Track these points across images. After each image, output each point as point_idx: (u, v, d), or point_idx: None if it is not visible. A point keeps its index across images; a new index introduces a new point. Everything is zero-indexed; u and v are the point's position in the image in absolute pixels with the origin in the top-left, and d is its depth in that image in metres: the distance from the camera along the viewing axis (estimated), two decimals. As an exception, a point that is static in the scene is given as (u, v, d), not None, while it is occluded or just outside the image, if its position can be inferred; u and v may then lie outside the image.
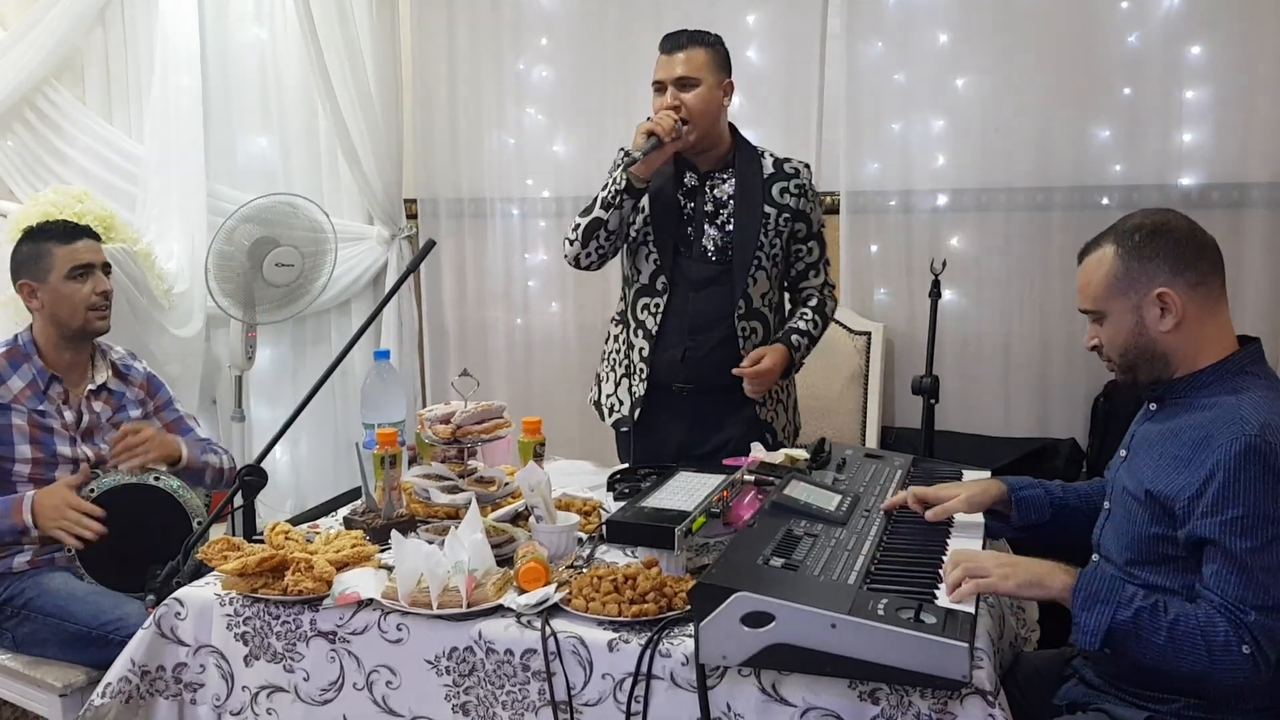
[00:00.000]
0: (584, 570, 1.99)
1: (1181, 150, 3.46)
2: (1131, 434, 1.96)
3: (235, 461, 2.95)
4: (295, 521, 2.55)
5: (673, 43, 2.68)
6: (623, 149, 2.75)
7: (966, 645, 1.54)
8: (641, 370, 2.75)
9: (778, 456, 2.43)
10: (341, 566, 1.96)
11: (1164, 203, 3.48)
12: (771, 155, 2.77)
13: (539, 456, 2.46)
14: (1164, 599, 1.70)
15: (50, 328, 2.68)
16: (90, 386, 2.72)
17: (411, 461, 2.47)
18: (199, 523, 2.57)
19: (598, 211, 2.67)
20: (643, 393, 2.75)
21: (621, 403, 2.81)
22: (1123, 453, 1.95)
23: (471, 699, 1.83)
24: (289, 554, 1.95)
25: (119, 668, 1.98)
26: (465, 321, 4.26)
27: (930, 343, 2.68)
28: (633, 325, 2.78)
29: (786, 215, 2.73)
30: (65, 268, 2.66)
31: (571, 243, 2.72)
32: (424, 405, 4.30)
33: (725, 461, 2.49)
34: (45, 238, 2.70)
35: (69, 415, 2.68)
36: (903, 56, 3.67)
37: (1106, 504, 1.97)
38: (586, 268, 2.77)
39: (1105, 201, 3.55)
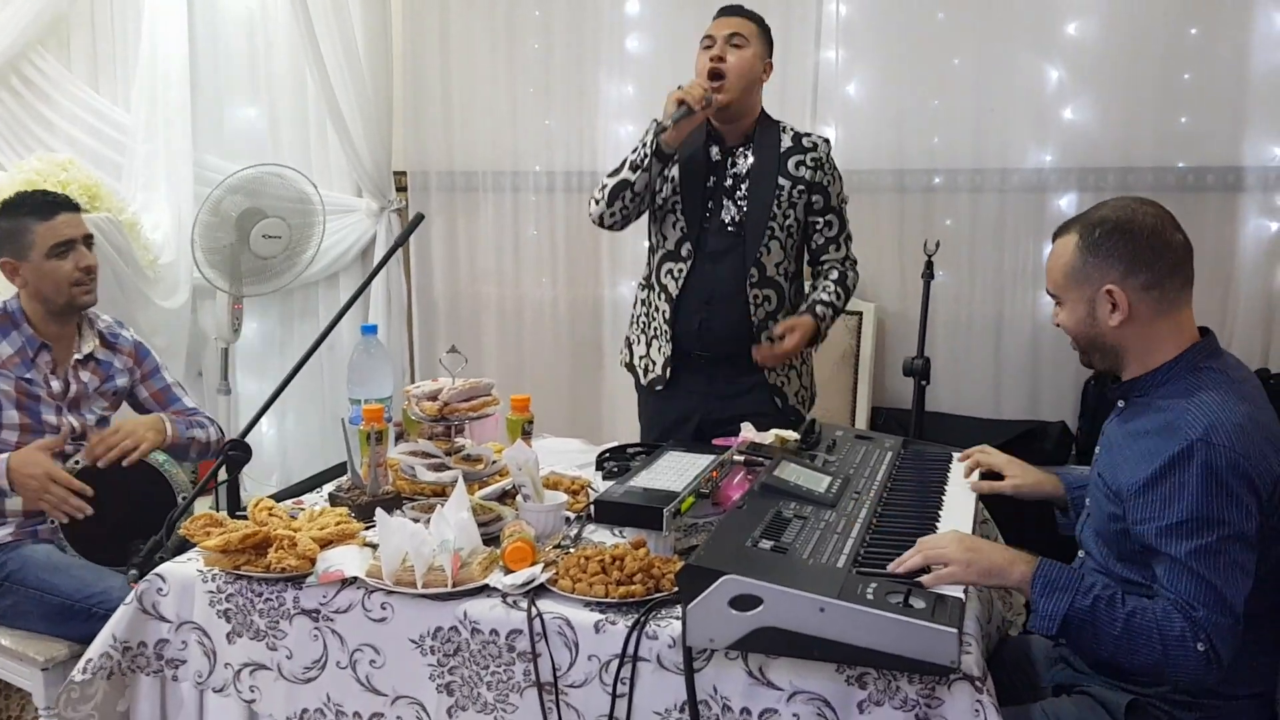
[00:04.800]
0: (571, 550, 1.98)
1: (1178, 132, 3.44)
2: (1103, 432, 1.96)
3: (223, 432, 2.92)
4: (280, 497, 2.54)
5: (731, 10, 2.78)
6: (656, 120, 2.74)
7: (955, 631, 1.53)
8: (665, 333, 2.81)
9: (768, 437, 2.41)
10: (325, 544, 1.94)
11: (1159, 185, 3.48)
12: (793, 130, 2.81)
13: (527, 434, 2.45)
14: (1122, 592, 1.69)
15: (35, 303, 2.64)
16: (77, 356, 2.69)
17: (398, 438, 2.44)
18: (184, 497, 2.55)
19: (625, 173, 2.72)
20: (670, 353, 2.81)
21: (655, 363, 2.86)
22: (1097, 450, 1.95)
23: (456, 679, 1.81)
24: (272, 531, 1.93)
25: (100, 644, 1.96)
26: (456, 296, 4.23)
27: (922, 324, 2.66)
28: (658, 289, 2.83)
29: (801, 188, 2.76)
30: (46, 245, 2.60)
31: (597, 201, 2.76)
32: (413, 381, 4.28)
33: (715, 441, 2.48)
34: (23, 213, 2.63)
35: (56, 385, 2.65)
36: (898, 35, 3.64)
37: (1088, 500, 1.96)
38: (610, 227, 2.80)
39: (1100, 183, 3.53)
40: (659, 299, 2.83)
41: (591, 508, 2.02)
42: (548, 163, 4.04)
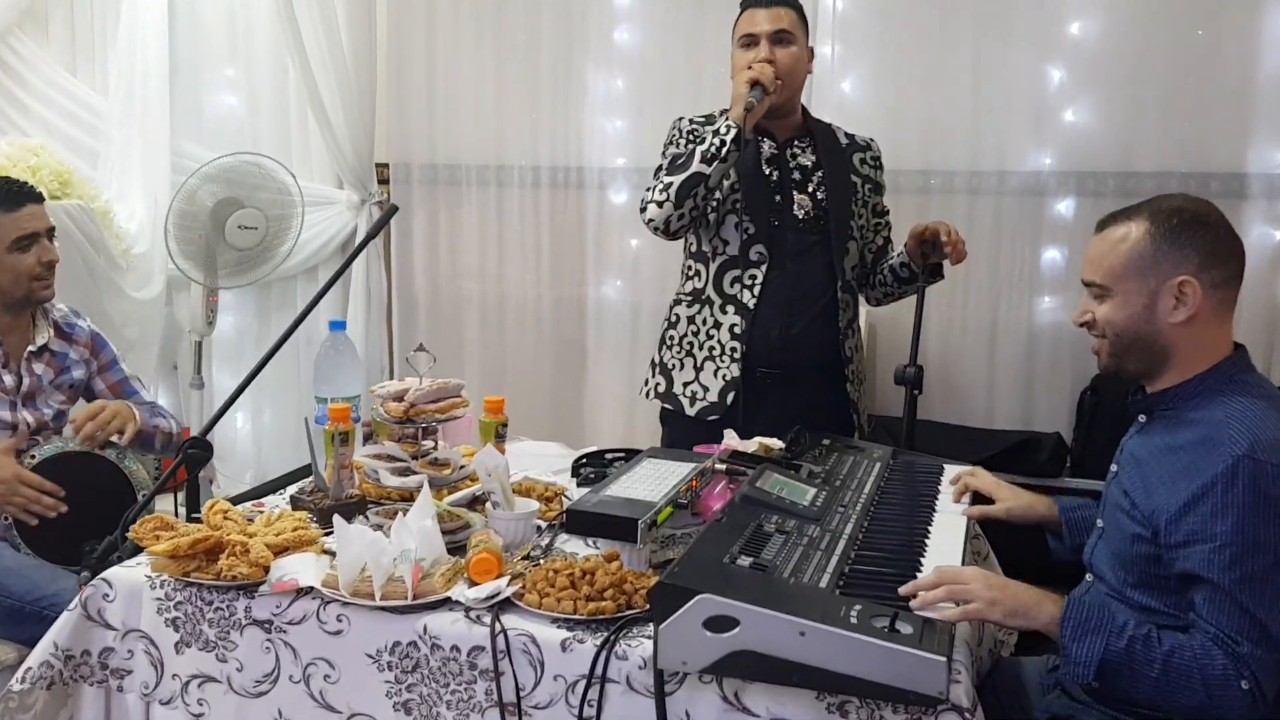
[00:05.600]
0: (541, 561, 1.88)
1: (1181, 137, 3.35)
2: (1121, 448, 1.86)
3: (181, 425, 2.83)
4: (242, 499, 2.43)
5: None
6: (682, 117, 2.65)
7: (944, 659, 1.43)
8: (733, 350, 2.57)
9: (751, 445, 2.32)
10: (281, 550, 1.84)
11: (1161, 191, 3.36)
12: (839, 128, 2.71)
13: (500, 438, 2.35)
14: (1157, 629, 1.59)
15: None
16: (31, 348, 2.59)
17: (368, 439, 2.34)
18: (144, 495, 2.45)
19: (697, 166, 2.46)
20: (734, 375, 2.56)
21: (707, 389, 2.61)
22: (1113, 468, 1.85)
23: (414, 697, 1.71)
24: (225, 536, 1.83)
25: (40, 652, 1.86)
26: (436, 293, 4.12)
27: (916, 331, 2.56)
28: (718, 302, 2.60)
29: (870, 186, 2.68)
30: (9, 238, 2.50)
31: (660, 205, 2.49)
32: (391, 379, 4.17)
33: (697, 448, 2.38)
34: None
35: (8, 379, 2.55)
36: (896, 31, 3.54)
37: (1100, 522, 1.87)
38: (676, 233, 2.54)
39: (1100, 187, 3.43)
40: (722, 313, 2.60)
41: (563, 517, 1.92)
42: (533, 157, 3.93)
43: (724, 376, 2.57)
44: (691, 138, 2.62)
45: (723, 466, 2.20)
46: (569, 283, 3.97)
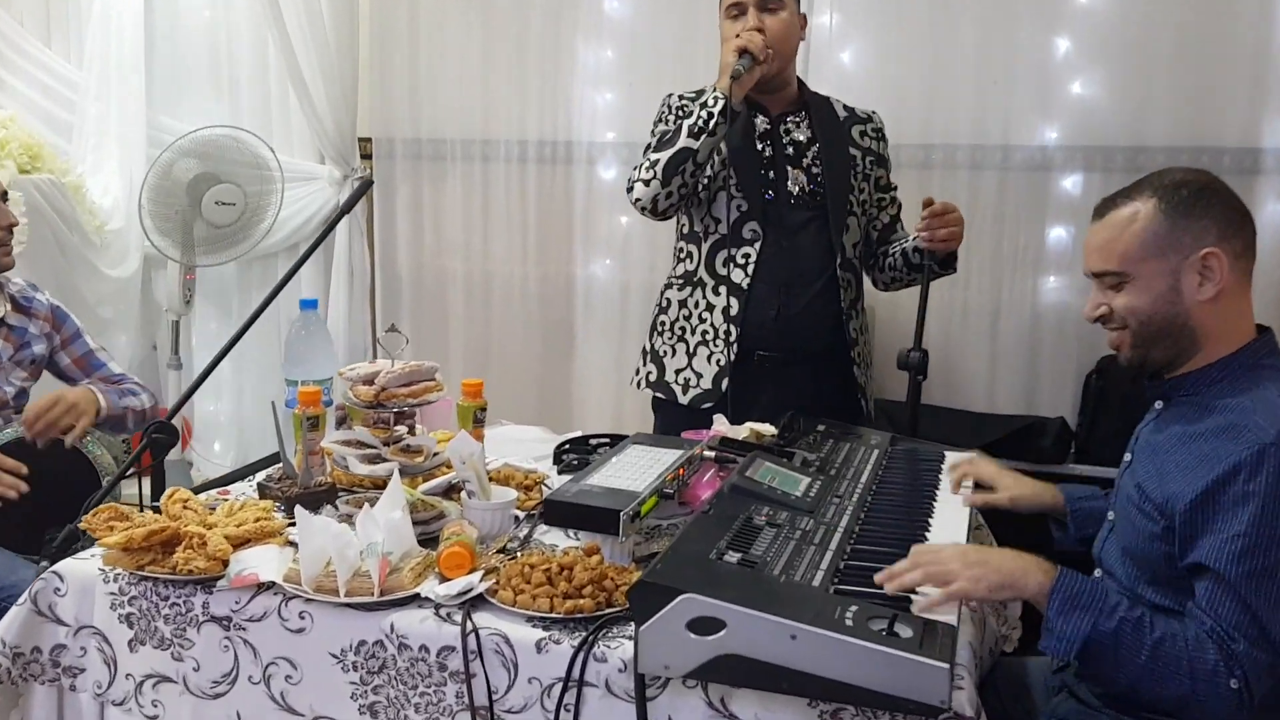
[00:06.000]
0: (518, 554, 1.77)
1: (1194, 110, 3.23)
2: (1136, 436, 1.75)
3: (157, 399, 2.71)
4: (214, 485, 2.33)
5: None
6: (672, 93, 2.54)
7: (946, 666, 1.32)
8: (727, 333, 2.45)
9: (742, 431, 2.21)
10: (242, 543, 1.73)
11: (1171, 166, 3.26)
12: (839, 101, 2.59)
13: (479, 423, 2.24)
14: (1150, 613, 1.49)
15: None
16: (-14, 323, 2.47)
17: (340, 423, 2.23)
18: (108, 480, 2.34)
19: (684, 141, 2.34)
20: (731, 358, 2.44)
21: (700, 375, 2.50)
22: (1127, 456, 1.74)
23: (380, 699, 1.60)
24: (182, 527, 1.71)
25: (-13, 649, 1.75)
26: (420, 271, 3.99)
27: (920, 314, 2.44)
28: (710, 284, 2.49)
29: (871, 159, 2.55)
30: None
31: (647, 183, 2.39)
32: (375, 360, 4.06)
33: (685, 434, 2.27)
34: None
35: (-36, 357, 2.44)
36: (896, 1, 3.42)
37: (1111, 514, 1.76)
38: (664, 212, 2.43)
39: (1109, 163, 3.31)
40: (715, 295, 2.48)
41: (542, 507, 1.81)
42: (520, 131, 3.80)
43: (717, 362, 2.46)
44: (681, 114, 2.49)
45: (712, 453, 2.09)
46: (557, 261, 3.85)
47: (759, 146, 2.48)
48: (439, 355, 3.98)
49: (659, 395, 2.59)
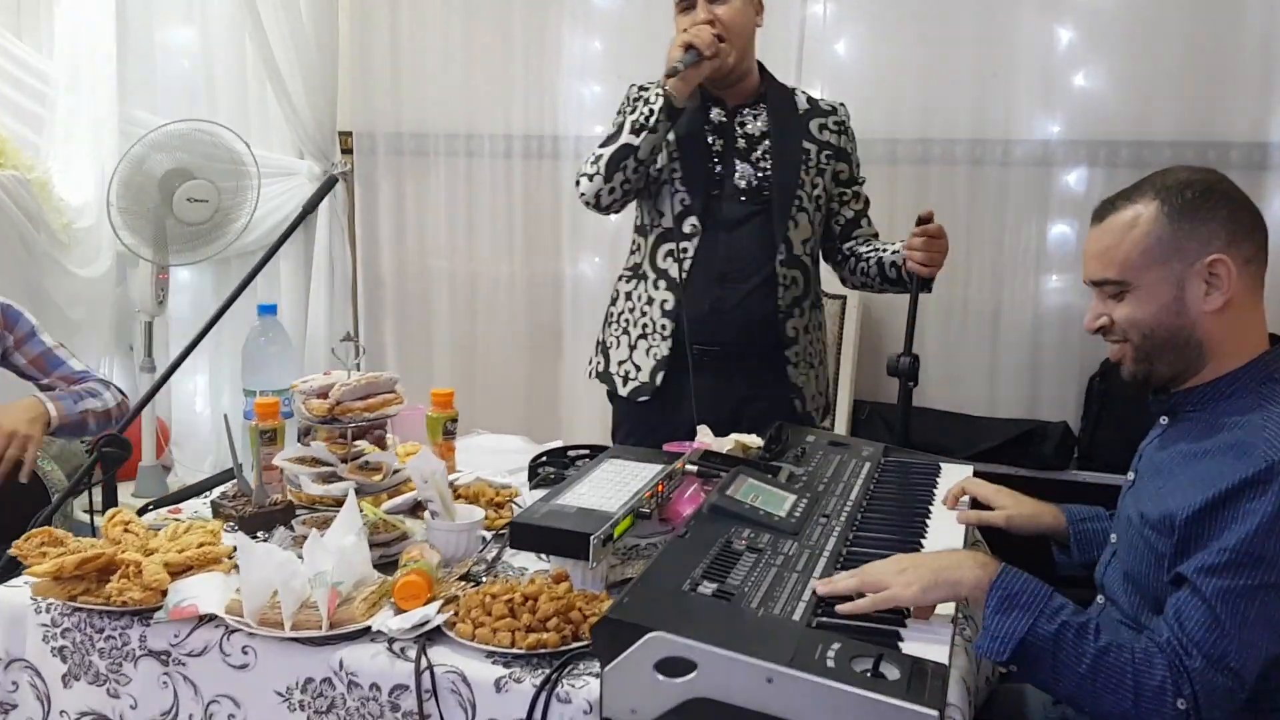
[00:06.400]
0: (483, 580, 1.66)
1: (1200, 103, 3.11)
2: (1140, 454, 1.63)
3: (126, 393, 2.57)
4: (171, 499, 2.20)
5: None
6: (634, 84, 2.46)
7: (936, 713, 1.20)
8: (664, 327, 2.40)
9: (727, 443, 2.09)
10: (183, 570, 1.61)
11: (1177, 161, 3.13)
12: (804, 92, 2.49)
13: (449, 434, 2.12)
14: (1099, 620, 1.39)
15: None
16: (-74, 325, 2.35)
17: (305, 435, 2.11)
18: (57, 496, 2.22)
19: (626, 137, 2.30)
20: (666, 353, 2.40)
21: (639, 369, 2.45)
22: (1130, 476, 1.63)
23: (330, 741, 1.49)
24: (120, 553, 1.60)
25: (-87, 683, 1.64)
26: (403, 271, 3.89)
27: (910, 318, 2.31)
28: (652, 277, 2.44)
29: (828, 153, 2.43)
30: None
31: (590, 178, 2.35)
32: (358, 362, 3.94)
33: (666, 447, 2.15)
34: None
35: (-97, 361, 2.31)
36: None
37: (1113, 536, 1.64)
38: (608, 208, 2.39)
39: (1113, 157, 3.20)
40: (654, 288, 2.42)
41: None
42: (505, 125, 3.70)
43: (655, 355, 2.41)
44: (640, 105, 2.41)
45: (693, 468, 1.97)
46: (544, 259, 3.75)
47: (710, 139, 2.42)
48: (422, 356, 3.88)
49: (606, 386, 2.55)
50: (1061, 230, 3.30)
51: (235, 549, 1.68)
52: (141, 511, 2.02)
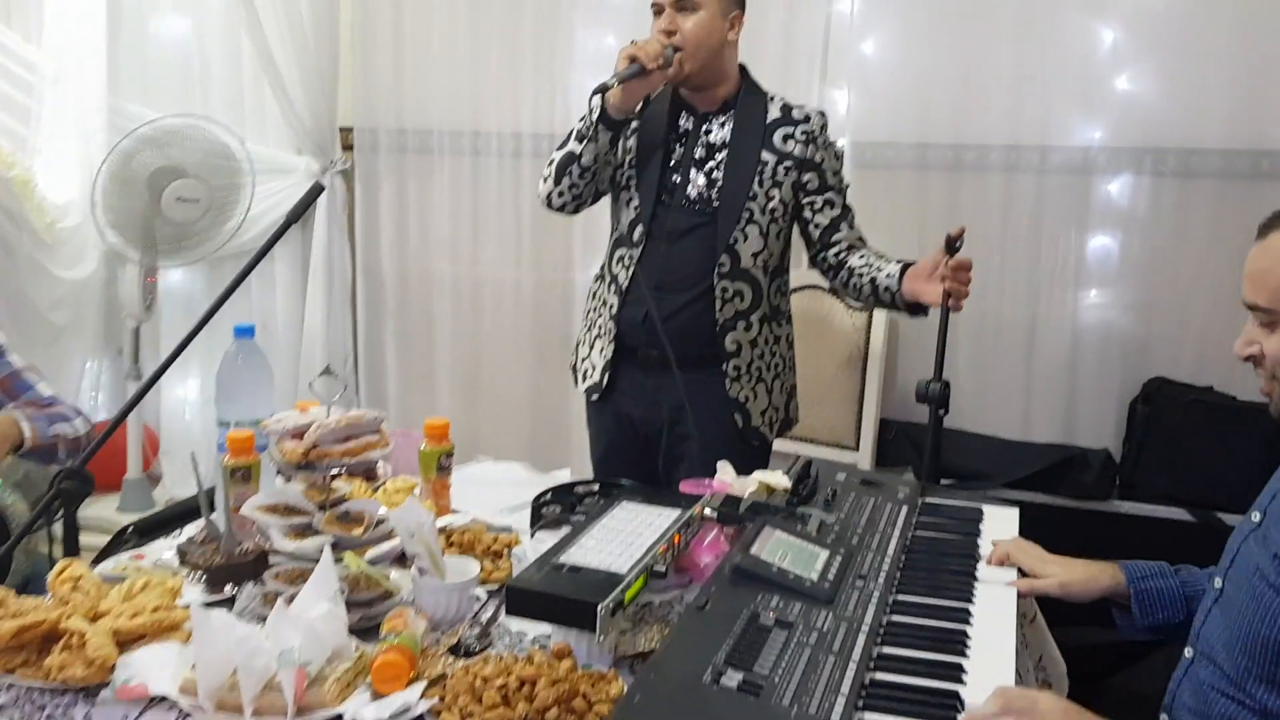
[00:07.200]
0: (475, 648, 1.47)
1: (1253, 110, 2.92)
2: (1272, 493, 1.43)
3: (91, 424, 2.41)
4: (148, 525, 2.02)
5: None
6: (597, 88, 2.36)
7: None
8: (610, 331, 2.43)
9: (751, 484, 1.90)
10: (135, 639, 1.43)
11: (1228, 171, 2.96)
12: (782, 100, 2.40)
13: (444, 470, 1.94)
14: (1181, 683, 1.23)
15: None
16: (-113, 347, 2.18)
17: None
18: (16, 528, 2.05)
19: (571, 144, 2.38)
20: (611, 355, 2.43)
21: (594, 367, 2.49)
22: (1255, 516, 1.43)
23: (296, 842, 1.31)
24: (65, 618, 1.41)
25: None
26: (405, 274, 3.70)
27: (941, 341, 2.12)
28: (608, 280, 2.47)
29: (789, 164, 2.34)
30: None
31: (544, 180, 2.44)
32: (356, 370, 3.76)
33: (683, 487, 1.96)
34: None
35: None
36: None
37: (1219, 581, 1.45)
38: (560, 209, 2.46)
39: (1159, 166, 3.00)
40: (608, 291, 2.45)
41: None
42: (514, 123, 3.51)
43: (605, 355, 2.46)
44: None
45: (712, 513, 1.78)
46: (553, 265, 3.56)
47: (674, 147, 2.40)
48: (424, 366, 3.70)
49: (573, 381, 2.62)
50: (1102, 242, 3.10)
51: (208, 602, 1.50)
52: (102, 555, 1.85)
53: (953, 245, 2.15)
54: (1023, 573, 1.70)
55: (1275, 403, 1.39)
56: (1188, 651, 1.50)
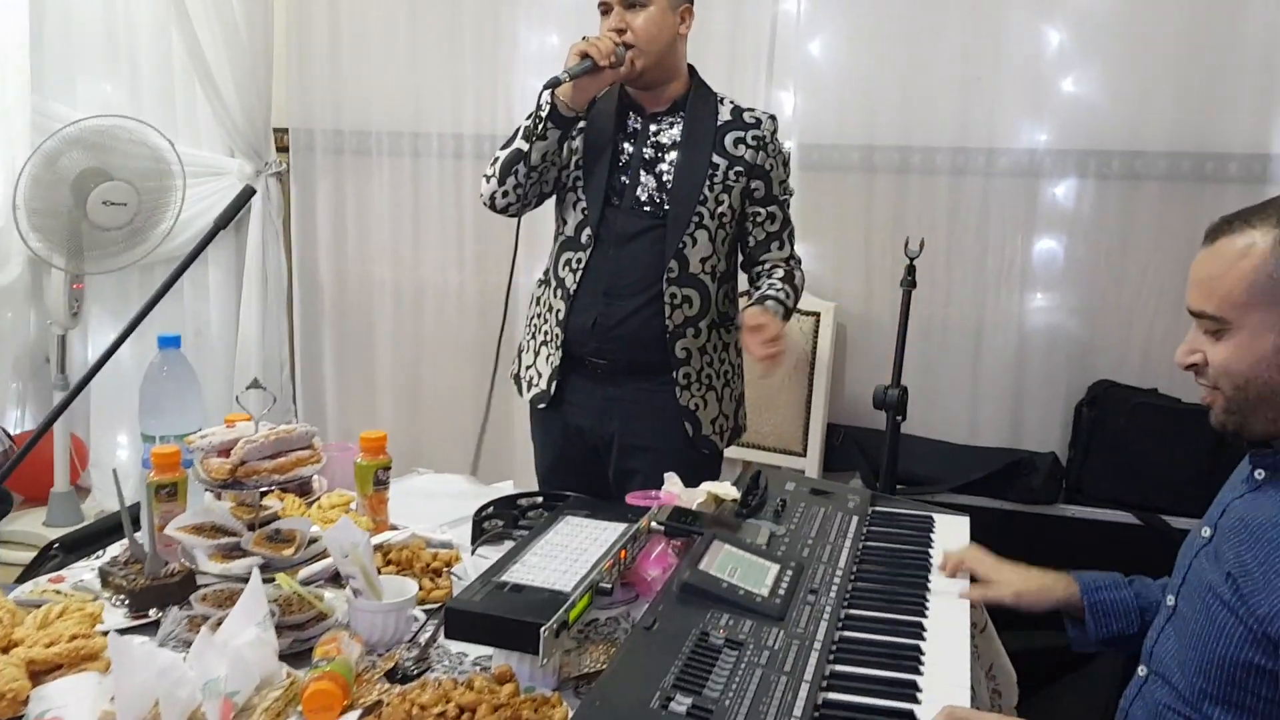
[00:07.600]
0: (412, 671, 1.41)
1: (1198, 112, 2.92)
2: (1222, 507, 1.40)
3: (11, 439, 2.31)
4: (76, 541, 1.93)
5: None
6: (547, 85, 2.31)
7: None
8: (557, 336, 2.35)
9: (699, 495, 1.85)
10: (50, 670, 1.35)
11: (1173, 173, 2.97)
12: (732, 102, 2.34)
13: (382, 484, 1.87)
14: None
15: None
16: None
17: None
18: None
19: (518, 142, 2.29)
20: (558, 363, 2.35)
21: (540, 375, 2.41)
22: (1206, 531, 1.40)
23: None
24: (-28, 649, 1.33)
25: None
26: (344, 279, 3.62)
27: (900, 345, 2.10)
28: (554, 284, 2.38)
29: (739, 169, 2.29)
30: None
31: (488, 179, 2.35)
32: (293, 378, 3.67)
33: (630, 499, 1.91)
34: None
35: None
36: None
37: (1170, 599, 1.42)
38: (504, 210, 2.36)
39: (1104, 168, 3.00)
40: (554, 296, 2.37)
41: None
42: (455, 124, 3.44)
43: (551, 363, 2.38)
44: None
45: (660, 527, 1.73)
46: (497, 269, 3.49)
47: (623, 147, 2.34)
48: (364, 374, 3.62)
49: (518, 390, 2.54)
50: (1048, 245, 3.10)
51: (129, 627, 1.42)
52: (25, 575, 1.76)
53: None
54: (975, 579, 1.67)
55: (1216, 412, 1.36)
56: (1141, 670, 1.47)
